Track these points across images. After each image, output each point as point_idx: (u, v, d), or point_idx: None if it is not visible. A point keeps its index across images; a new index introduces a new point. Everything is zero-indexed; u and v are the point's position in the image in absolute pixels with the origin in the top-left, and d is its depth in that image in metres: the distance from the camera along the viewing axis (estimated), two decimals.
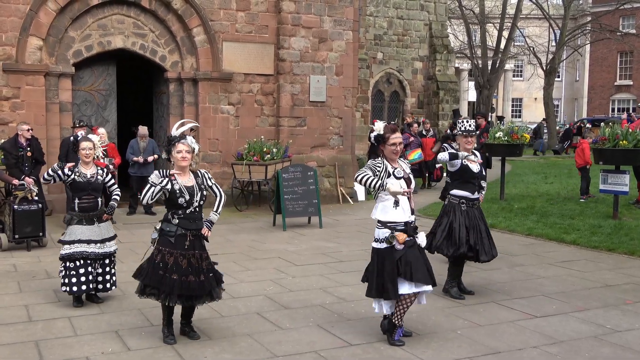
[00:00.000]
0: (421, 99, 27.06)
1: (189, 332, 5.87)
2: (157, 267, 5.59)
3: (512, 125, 15.12)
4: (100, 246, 6.89)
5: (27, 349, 5.59)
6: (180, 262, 5.60)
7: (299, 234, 11.34)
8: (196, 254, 5.70)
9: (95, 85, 13.95)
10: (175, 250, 5.61)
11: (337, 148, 15.44)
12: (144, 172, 13.13)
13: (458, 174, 7.18)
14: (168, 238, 5.62)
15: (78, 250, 6.78)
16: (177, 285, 5.55)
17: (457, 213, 7.16)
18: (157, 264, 5.60)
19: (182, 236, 5.63)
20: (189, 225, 5.66)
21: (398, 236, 5.54)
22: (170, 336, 5.72)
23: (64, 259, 6.80)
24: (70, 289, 6.78)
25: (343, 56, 15.18)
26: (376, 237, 5.71)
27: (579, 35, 37.83)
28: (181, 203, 5.59)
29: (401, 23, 26.13)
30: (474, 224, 7.14)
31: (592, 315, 6.65)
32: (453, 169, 7.20)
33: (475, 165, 7.20)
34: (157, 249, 5.66)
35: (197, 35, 14.00)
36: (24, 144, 10.94)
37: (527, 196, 15.60)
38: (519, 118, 49.94)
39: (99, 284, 6.97)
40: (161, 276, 5.56)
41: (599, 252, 9.81)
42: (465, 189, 7.16)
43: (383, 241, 5.63)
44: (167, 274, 5.55)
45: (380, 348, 5.65)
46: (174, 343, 5.65)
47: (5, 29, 12.47)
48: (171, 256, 5.60)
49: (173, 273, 5.56)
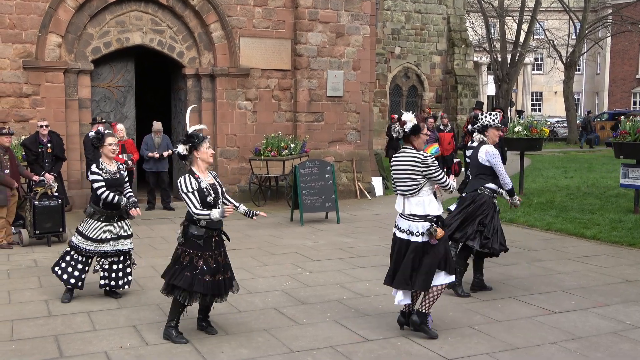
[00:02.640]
0: (439, 94, 26.93)
1: (207, 327, 5.89)
2: (185, 268, 5.58)
3: (532, 119, 15.00)
4: (113, 243, 6.86)
5: (47, 343, 5.65)
6: (209, 263, 5.62)
7: (316, 229, 11.35)
8: (222, 252, 5.75)
9: (113, 81, 14.04)
10: (204, 252, 5.62)
11: (355, 143, 15.41)
12: (159, 167, 13.21)
13: (491, 168, 7.08)
14: (196, 241, 5.62)
15: (86, 248, 6.81)
16: (209, 286, 5.58)
17: (494, 208, 7.14)
18: (185, 266, 5.59)
19: (209, 237, 5.65)
20: (215, 225, 5.67)
21: (439, 231, 5.60)
22: (180, 335, 5.69)
23: (71, 247, 6.87)
24: (68, 280, 6.83)
25: (360, 51, 15.14)
26: (413, 230, 5.67)
27: (599, 28, 37.37)
28: (209, 201, 5.60)
29: (419, 17, 26.00)
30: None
31: (612, 311, 6.58)
32: (493, 162, 7.03)
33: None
34: (184, 251, 5.64)
35: (214, 31, 14.04)
36: (44, 140, 11.04)
37: (547, 191, 15.47)
38: (539, 112, 49.52)
39: (112, 280, 6.95)
40: (191, 278, 5.55)
41: (619, 247, 9.71)
42: (495, 182, 7.11)
43: (423, 234, 5.65)
44: (200, 275, 5.55)
45: (397, 344, 5.64)
46: (187, 342, 5.65)
47: (26, 27, 12.58)
48: (200, 259, 5.60)
49: (205, 274, 5.56)
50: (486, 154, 7.02)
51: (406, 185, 5.69)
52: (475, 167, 7.15)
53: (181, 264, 5.60)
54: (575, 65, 35.27)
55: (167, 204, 13.34)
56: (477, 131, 7.23)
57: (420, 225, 5.65)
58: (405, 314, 5.92)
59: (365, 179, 15.48)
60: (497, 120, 7.16)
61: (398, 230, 5.81)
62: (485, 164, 7.05)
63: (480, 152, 7.09)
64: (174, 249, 5.82)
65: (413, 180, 5.65)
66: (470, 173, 7.45)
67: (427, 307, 5.77)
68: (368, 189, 15.39)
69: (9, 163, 9.72)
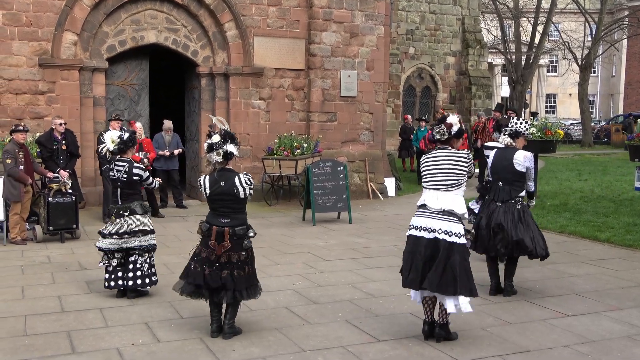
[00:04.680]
0: (453, 95, 26.85)
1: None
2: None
3: (546, 121, 14.90)
4: (125, 240, 6.87)
5: (60, 339, 5.69)
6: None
7: (328, 229, 11.34)
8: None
9: (128, 79, 14.11)
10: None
11: (368, 143, 15.39)
12: (170, 165, 13.25)
13: (524, 174, 7.04)
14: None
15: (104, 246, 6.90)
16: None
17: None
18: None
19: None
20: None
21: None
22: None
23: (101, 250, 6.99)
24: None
25: (374, 51, 15.12)
26: (456, 232, 5.48)
27: (615, 30, 37.08)
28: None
29: (433, 18, 25.94)
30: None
31: (625, 315, 6.53)
32: (531, 166, 7.00)
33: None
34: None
35: (228, 30, 14.07)
36: (58, 137, 11.11)
37: (560, 193, 15.38)
38: (553, 114, 49.23)
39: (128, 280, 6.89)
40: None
41: (633, 251, 9.63)
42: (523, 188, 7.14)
43: (464, 236, 5.54)
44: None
45: (408, 344, 5.63)
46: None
47: (42, 25, 12.67)
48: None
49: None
50: (525, 159, 6.93)
51: (447, 181, 5.51)
52: (510, 172, 6.98)
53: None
54: (591, 68, 35.02)
55: (179, 202, 13.38)
56: (509, 135, 7.14)
57: (460, 226, 5.51)
58: (428, 324, 5.75)
59: (377, 180, 15.45)
60: (529, 131, 7.21)
61: (427, 231, 5.51)
62: (522, 170, 6.97)
63: (518, 157, 6.95)
64: (186, 247, 5.84)
65: (456, 176, 5.52)
66: (493, 174, 7.20)
67: (445, 317, 5.67)
68: (380, 190, 15.37)
69: (24, 159, 9.79)
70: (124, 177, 6.85)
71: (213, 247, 5.64)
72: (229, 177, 5.63)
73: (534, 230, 7.02)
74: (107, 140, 6.96)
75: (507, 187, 7.01)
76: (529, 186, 7.11)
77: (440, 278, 5.41)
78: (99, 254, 7.24)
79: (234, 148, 5.64)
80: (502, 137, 7.21)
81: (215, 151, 5.60)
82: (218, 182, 5.63)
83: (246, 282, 5.68)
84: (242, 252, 5.68)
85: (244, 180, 5.63)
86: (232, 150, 5.62)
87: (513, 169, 6.96)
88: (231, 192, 5.61)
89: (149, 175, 7.12)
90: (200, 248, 5.73)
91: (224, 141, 5.60)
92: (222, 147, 5.58)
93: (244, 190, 5.62)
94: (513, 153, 7.01)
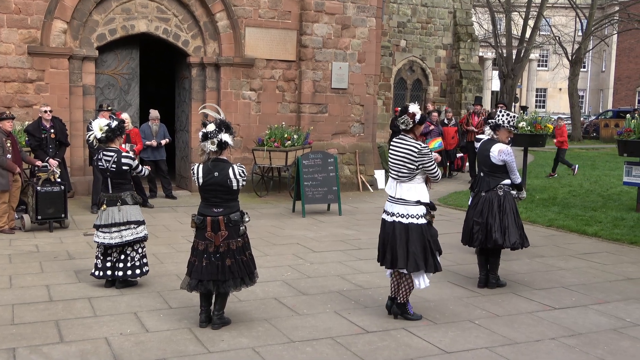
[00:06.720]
0: (444, 88, 26.87)
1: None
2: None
3: (536, 115, 14.95)
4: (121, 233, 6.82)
5: (48, 328, 5.67)
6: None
7: (318, 221, 11.35)
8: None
9: (118, 69, 14.02)
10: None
11: (358, 135, 15.39)
12: (157, 155, 13.17)
13: (503, 166, 7.05)
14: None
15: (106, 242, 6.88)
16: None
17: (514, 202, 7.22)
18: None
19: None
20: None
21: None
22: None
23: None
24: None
25: (366, 43, 15.10)
26: (414, 213, 5.84)
27: (606, 25, 37.23)
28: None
29: (425, 11, 25.91)
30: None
31: (612, 308, 6.58)
32: (508, 160, 7.00)
33: None
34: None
35: (220, 20, 14.00)
36: (47, 126, 11.04)
37: (549, 187, 15.45)
38: (543, 108, 49.37)
39: (119, 270, 6.89)
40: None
41: (620, 245, 9.70)
42: (508, 178, 7.14)
43: (423, 217, 5.85)
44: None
45: (396, 335, 5.65)
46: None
47: (31, 12, 12.56)
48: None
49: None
50: (499, 153, 6.96)
51: (400, 171, 5.87)
52: (488, 165, 7.09)
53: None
54: (581, 62, 35.14)
55: (168, 192, 13.33)
56: (490, 127, 7.21)
57: (419, 208, 5.85)
58: (391, 299, 6.16)
59: (367, 172, 15.47)
60: (512, 123, 7.15)
61: (389, 215, 5.95)
62: (498, 163, 7.01)
63: (493, 151, 7.01)
64: (175, 237, 5.83)
65: (408, 168, 5.81)
66: (478, 165, 7.35)
67: (404, 297, 6.00)
68: (370, 182, 15.39)
69: (11, 148, 9.72)
70: (112, 167, 6.80)
71: (210, 238, 5.61)
72: (222, 167, 5.60)
73: (510, 220, 6.98)
74: (95, 128, 6.87)
75: (487, 178, 7.14)
76: (513, 179, 7.09)
77: (399, 256, 5.85)
78: (95, 248, 7.16)
79: (228, 137, 5.59)
80: (486, 129, 7.30)
81: (210, 140, 5.55)
82: (212, 172, 5.59)
83: (248, 268, 5.74)
84: (238, 238, 5.67)
85: (238, 172, 5.59)
86: (226, 140, 5.57)
87: (490, 161, 7.06)
88: (224, 184, 5.58)
89: (138, 164, 7.08)
90: (197, 242, 5.72)
91: (219, 130, 5.55)
92: (216, 136, 5.53)
93: (237, 182, 5.60)
94: (492, 145, 7.09)
